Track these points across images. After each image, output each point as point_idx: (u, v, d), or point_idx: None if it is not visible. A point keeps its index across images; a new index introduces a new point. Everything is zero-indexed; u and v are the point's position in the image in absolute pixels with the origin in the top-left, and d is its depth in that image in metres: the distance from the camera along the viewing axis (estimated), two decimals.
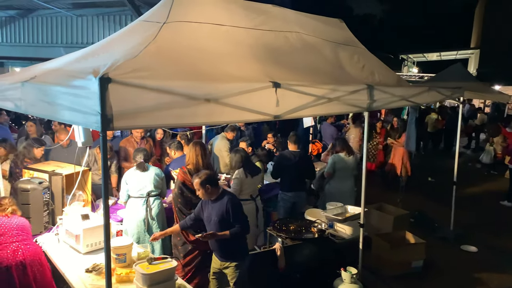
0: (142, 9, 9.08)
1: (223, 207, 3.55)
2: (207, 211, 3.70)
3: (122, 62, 2.37)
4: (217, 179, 4.00)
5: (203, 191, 3.57)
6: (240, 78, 2.76)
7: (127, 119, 2.18)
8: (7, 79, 3.63)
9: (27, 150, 5.05)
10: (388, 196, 7.56)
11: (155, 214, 4.59)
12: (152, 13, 3.50)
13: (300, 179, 5.67)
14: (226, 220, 3.55)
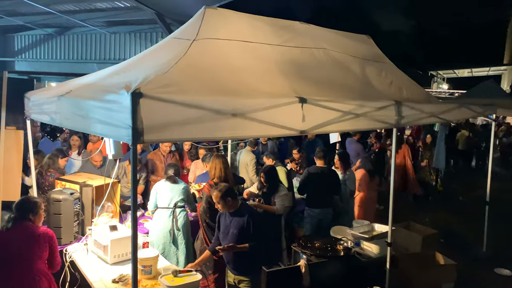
0: (172, 27, 9.35)
1: (243, 220, 3.55)
2: (225, 223, 3.71)
3: (153, 77, 2.45)
4: (235, 192, 4.01)
5: (223, 204, 3.58)
6: (266, 93, 2.80)
7: (156, 133, 2.25)
8: (44, 94, 3.82)
9: (52, 161, 5.24)
10: (416, 214, 7.36)
11: (181, 225, 4.64)
12: (182, 30, 3.60)
13: (327, 195, 5.61)
14: (245, 233, 3.54)
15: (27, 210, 3.29)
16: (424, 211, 7.66)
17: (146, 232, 4.79)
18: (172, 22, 9.41)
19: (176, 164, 5.11)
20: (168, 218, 4.59)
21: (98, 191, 4.39)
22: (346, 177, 5.95)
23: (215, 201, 3.62)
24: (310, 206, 5.58)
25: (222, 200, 3.56)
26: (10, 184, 4.56)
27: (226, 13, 3.70)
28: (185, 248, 4.66)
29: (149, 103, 2.21)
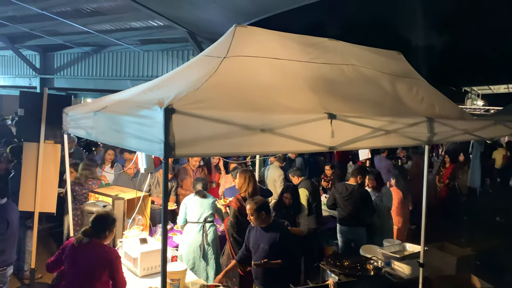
0: (203, 45, 9.58)
1: (275, 236, 3.53)
2: (255, 238, 3.69)
3: (185, 94, 2.52)
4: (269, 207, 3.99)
5: (256, 217, 3.57)
6: (295, 109, 2.81)
7: (187, 147, 2.30)
8: (81, 109, 3.98)
9: (89, 171, 5.41)
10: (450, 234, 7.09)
11: (211, 240, 4.66)
12: (213, 48, 3.69)
13: (357, 214, 5.48)
14: (276, 249, 3.52)
15: (104, 227, 3.24)
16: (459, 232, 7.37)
17: (175, 246, 4.84)
18: (203, 40, 9.64)
19: (204, 178, 5.18)
20: (198, 233, 4.62)
21: (130, 204, 4.50)
22: (382, 194, 5.84)
23: (249, 213, 3.61)
24: (340, 223, 5.50)
25: (256, 213, 3.55)
26: (47, 196, 4.76)
27: (256, 30, 3.77)
28: (214, 263, 4.67)
29: (181, 119, 2.28)
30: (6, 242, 3.88)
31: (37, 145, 4.65)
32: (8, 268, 4.02)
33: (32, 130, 4.64)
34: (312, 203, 5.59)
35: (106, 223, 3.26)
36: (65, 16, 9.54)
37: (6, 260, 3.95)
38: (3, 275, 3.95)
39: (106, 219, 3.29)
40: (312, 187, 5.86)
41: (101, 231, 3.21)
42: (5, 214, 3.87)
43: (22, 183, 4.73)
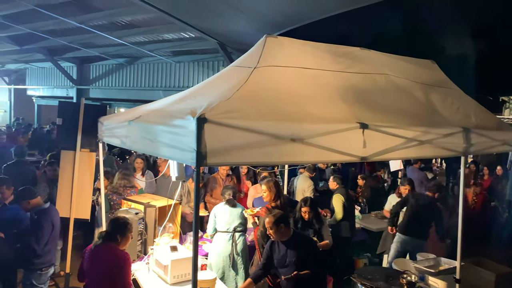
0: (233, 55, 9.69)
1: (301, 247, 3.48)
2: (279, 253, 3.64)
3: (216, 103, 2.56)
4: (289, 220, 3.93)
5: (275, 230, 3.52)
6: (325, 119, 2.79)
7: (218, 156, 2.33)
8: (115, 119, 4.10)
9: (127, 180, 5.54)
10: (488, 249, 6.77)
11: (240, 249, 4.65)
12: (244, 59, 3.73)
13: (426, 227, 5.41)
14: (304, 261, 3.46)
15: (116, 230, 3.31)
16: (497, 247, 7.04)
17: (204, 254, 4.86)
18: (232, 51, 9.76)
19: (233, 186, 5.19)
20: (227, 242, 4.62)
21: (161, 212, 4.57)
22: None
23: (267, 226, 3.57)
24: (403, 233, 5.42)
25: (274, 226, 3.51)
26: (82, 202, 4.91)
27: (286, 41, 3.79)
28: (244, 273, 4.65)
29: (213, 128, 2.31)
30: (51, 244, 4.05)
31: (73, 153, 4.82)
32: (50, 269, 4.17)
33: (69, 139, 4.82)
34: (346, 210, 5.54)
35: (118, 226, 3.33)
36: (101, 29, 9.91)
37: (49, 260, 4.12)
38: (45, 275, 4.11)
39: (118, 223, 3.37)
40: (347, 195, 5.84)
41: (113, 235, 3.29)
42: (51, 217, 4.03)
43: (59, 190, 4.91)
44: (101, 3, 8.27)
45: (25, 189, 4.10)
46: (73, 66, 16.27)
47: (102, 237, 3.29)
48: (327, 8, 6.19)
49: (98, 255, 3.26)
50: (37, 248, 3.93)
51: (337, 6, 6.06)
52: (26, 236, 3.97)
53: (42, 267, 4.03)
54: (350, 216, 5.64)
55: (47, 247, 4.03)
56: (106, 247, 3.27)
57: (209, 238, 4.96)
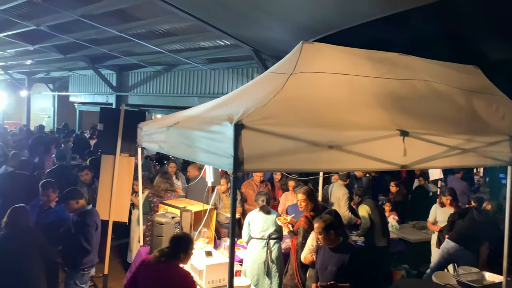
0: (267, 62, 9.72)
1: (344, 257, 3.40)
2: (322, 258, 3.58)
3: (253, 110, 2.57)
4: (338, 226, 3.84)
5: (324, 236, 3.45)
6: (364, 125, 2.75)
7: (255, 162, 2.34)
8: (154, 124, 4.21)
9: (169, 184, 5.67)
10: None
11: (275, 257, 4.62)
12: (280, 65, 3.74)
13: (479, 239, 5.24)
14: (345, 271, 3.38)
15: (179, 248, 3.16)
16: None
17: (238, 260, 4.86)
18: (267, 58, 9.79)
19: (267, 193, 5.17)
20: (262, 249, 4.60)
21: (196, 217, 4.62)
22: None
23: (317, 231, 3.51)
24: (455, 240, 5.23)
25: (324, 232, 3.45)
26: (121, 206, 5.06)
27: (323, 47, 3.76)
28: (278, 280, 4.60)
29: (250, 134, 2.32)
30: (94, 244, 4.17)
31: (113, 157, 4.98)
32: (91, 269, 4.30)
33: (110, 144, 4.99)
34: (375, 220, 5.44)
35: (181, 244, 3.19)
36: (140, 38, 10.22)
37: (92, 260, 4.24)
38: (87, 275, 4.24)
39: (181, 240, 3.23)
40: (375, 205, 5.73)
41: (176, 253, 3.15)
42: (94, 217, 4.16)
43: (99, 193, 5.07)
44: (141, 12, 8.53)
45: (74, 189, 4.23)
46: (113, 74, 16.85)
47: (164, 255, 3.11)
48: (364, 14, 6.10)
49: (160, 273, 3.09)
50: (89, 247, 4.04)
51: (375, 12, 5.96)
52: (72, 237, 4.11)
53: (85, 267, 4.16)
54: (382, 225, 5.49)
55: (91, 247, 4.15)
56: (169, 265, 3.09)
57: (243, 244, 4.96)
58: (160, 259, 3.09)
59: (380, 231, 5.45)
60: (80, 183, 5.80)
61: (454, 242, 5.19)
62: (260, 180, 6.47)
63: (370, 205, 5.58)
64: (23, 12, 9.16)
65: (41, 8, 8.47)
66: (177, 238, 3.24)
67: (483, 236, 5.23)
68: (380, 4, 5.68)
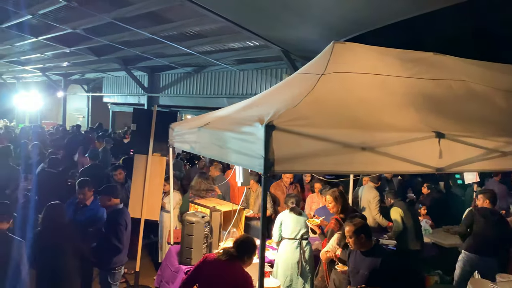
0: (296, 63, 9.68)
1: (376, 261, 3.34)
2: (354, 262, 3.53)
3: (284, 111, 2.56)
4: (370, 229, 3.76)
5: (355, 239, 3.40)
6: (397, 127, 2.68)
7: (286, 164, 2.33)
8: (185, 125, 4.27)
9: (209, 185, 5.77)
10: None
11: (308, 257, 4.60)
12: (310, 65, 3.72)
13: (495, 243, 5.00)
14: (377, 276, 3.32)
15: (245, 251, 3.17)
16: None
17: (267, 261, 4.85)
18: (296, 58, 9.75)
19: (296, 194, 5.15)
20: (295, 250, 4.57)
21: (226, 216, 4.66)
22: None
23: (347, 235, 3.46)
24: (467, 250, 5.07)
25: (355, 236, 3.39)
26: (152, 204, 5.16)
27: (354, 47, 3.71)
28: (311, 281, 4.58)
29: (281, 135, 2.32)
30: (124, 243, 4.26)
31: (146, 157, 5.08)
32: (122, 268, 4.41)
33: (142, 144, 5.09)
34: (408, 223, 5.32)
35: (248, 248, 3.20)
36: (171, 40, 10.39)
37: (122, 260, 4.35)
38: (118, 273, 4.35)
39: (247, 243, 3.23)
40: (407, 207, 5.59)
41: (242, 255, 3.15)
42: (125, 216, 4.26)
43: (131, 192, 5.19)
44: (172, 14, 8.68)
45: (111, 186, 4.34)
46: (145, 75, 17.23)
47: (229, 255, 3.12)
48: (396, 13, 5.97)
49: (223, 273, 3.09)
50: (119, 245, 4.14)
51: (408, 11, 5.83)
52: (103, 236, 4.22)
53: (116, 266, 4.26)
54: (414, 229, 5.35)
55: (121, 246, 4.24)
56: (232, 266, 3.10)
57: (272, 245, 4.95)
58: (222, 257, 3.12)
59: (413, 235, 5.32)
60: (114, 182, 5.94)
61: (468, 252, 4.98)
62: (290, 182, 6.44)
63: (402, 208, 5.46)
64: (61, 16, 9.50)
65: (77, 12, 8.76)
66: (243, 241, 3.25)
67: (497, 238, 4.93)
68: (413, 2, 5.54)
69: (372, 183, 6.56)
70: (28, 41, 12.22)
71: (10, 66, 18.54)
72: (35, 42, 12.05)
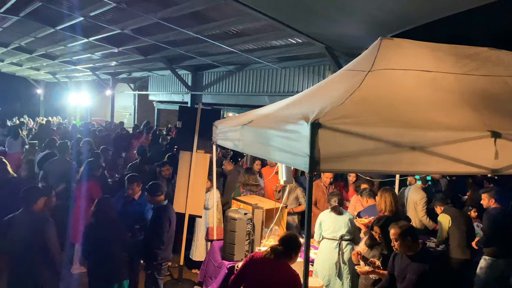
0: (340, 59, 9.51)
1: (424, 266, 3.21)
2: (400, 266, 3.43)
3: (329, 109, 2.53)
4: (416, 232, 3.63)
5: (400, 243, 3.30)
6: (449, 126, 2.57)
7: (332, 163, 2.30)
8: (229, 123, 4.32)
9: (256, 178, 5.81)
10: None
11: (347, 258, 4.53)
12: (356, 62, 3.64)
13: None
14: (425, 281, 3.20)
15: (292, 249, 3.18)
16: None
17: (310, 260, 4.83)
18: (340, 55, 9.57)
19: (339, 193, 5.07)
20: (333, 250, 4.53)
21: (268, 214, 4.67)
22: None
23: (393, 238, 3.36)
24: (489, 254, 4.79)
25: (400, 239, 3.29)
26: (196, 200, 5.27)
27: (403, 43, 3.60)
28: (350, 282, 4.50)
29: (327, 134, 2.29)
30: (166, 239, 4.37)
31: (190, 153, 5.20)
32: (167, 263, 4.54)
33: (187, 141, 5.22)
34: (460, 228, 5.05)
35: (294, 244, 3.22)
36: (214, 38, 10.54)
37: (168, 256, 4.47)
38: (164, 269, 4.49)
39: (294, 240, 3.25)
40: (460, 213, 5.29)
41: (289, 253, 3.17)
42: (169, 213, 4.38)
43: (176, 187, 5.34)
44: (217, 14, 8.80)
45: (155, 184, 4.49)
46: (188, 74, 17.60)
47: (276, 253, 3.14)
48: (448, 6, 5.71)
49: (272, 271, 3.11)
50: (162, 241, 4.25)
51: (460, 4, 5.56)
52: (148, 231, 4.36)
53: (161, 262, 4.39)
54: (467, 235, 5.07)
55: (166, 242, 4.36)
56: (280, 264, 3.12)
57: (315, 244, 4.90)
58: (272, 256, 3.13)
59: (464, 241, 5.05)
60: (161, 178, 6.12)
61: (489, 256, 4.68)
62: (330, 182, 6.32)
63: (453, 214, 5.14)
64: (110, 17, 9.91)
65: (125, 13, 9.09)
66: (290, 238, 3.26)
67: None
68: None
69: (420, 184, 6.32)
70: (80, 42, 12.83)
71: (63, 66, 19.55)
72: (86, 42, 12.65)
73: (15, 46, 15.42)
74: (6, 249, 3.72)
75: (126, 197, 4.80)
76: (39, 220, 3.73)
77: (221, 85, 16.27)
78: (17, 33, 13.07)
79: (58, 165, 6.19)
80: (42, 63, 19.75)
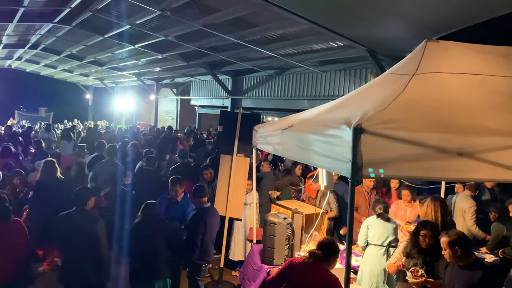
0: (383, 62, 9.30)
1: (474, 277, 3.07)
2: (450, 276, 3.29)
3: (372, 113, 2.49)
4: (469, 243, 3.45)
5: (449, 252, 3.17)
6: (500, 131, 2.45)
7: (375, 168, 2.25)
8: (269, 127, 4.35)
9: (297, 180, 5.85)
10: None
11: None
12: (400, 65, 3.56)
13: None
14: None
15: (331, 253, 3.20)
16: None
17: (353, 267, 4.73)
18: (382, 58, 9.35)
19: (384, 200, 4.95)
20: (381, 257, 4.42)
21: (308, 219, 4.64)
22: None
23: (442, 246, 3.25)
24: None
25: (449, 248, 3.17)
26: (236, 203, 5.33)
27: (450, 45, 3.49)
28: None
29: (370, 139, 2.26)
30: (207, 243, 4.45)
31: (231, 157, 5.28)
32: (207, 265, 4.62)
33: (228, 144, 5.30)
34: None
35: (334, 249, 3.25)
36: (255, 44, 10.64)
37: (209, 258, 4.54)
38: (204, 270, 4.59)
39: (332, 245, 3.28)
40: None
41: (328, 257, 3.20)
42: (205, 216, 4.45)
43: (217, 190, 5.43)
44: (257, 19, 8.89)
45: (199, 187, 4.59)
46: (229, 79, 17.86)
47: (315, 257, 3.17)
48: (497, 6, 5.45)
49: (311, 275, 3.12)
50: (198, 243, 4.34)
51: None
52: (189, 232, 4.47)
53: (202, 264, 4.47)
54: None
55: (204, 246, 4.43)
56: (320, 268, 3.14)
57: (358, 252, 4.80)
58: (311, 260, 3.16)
59: None
60: (203, 180, 6.24)
61: None
62: (372, 187, 6.17)
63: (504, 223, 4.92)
64: (154, 25, 10.27)
65: (169, 20, 9.38)
66: (328, 242, 3.29)
67: None
68: None
69: (469, 192, 6.04)
70: (126, 49, 13.38)
71: (110, 72, 20.47)
72: (132, 49, 13.18)
73: (67, 54, 16.34)
74: (60, 243, 3.96)
75: (169, 198, 4.94)
76: (90, 218, 3.95)
77: (261, 89, 16.37)
78: (69, 41, 13.85)
79: (107, 167, 6.47)
80: (91, 69, 20.80)
